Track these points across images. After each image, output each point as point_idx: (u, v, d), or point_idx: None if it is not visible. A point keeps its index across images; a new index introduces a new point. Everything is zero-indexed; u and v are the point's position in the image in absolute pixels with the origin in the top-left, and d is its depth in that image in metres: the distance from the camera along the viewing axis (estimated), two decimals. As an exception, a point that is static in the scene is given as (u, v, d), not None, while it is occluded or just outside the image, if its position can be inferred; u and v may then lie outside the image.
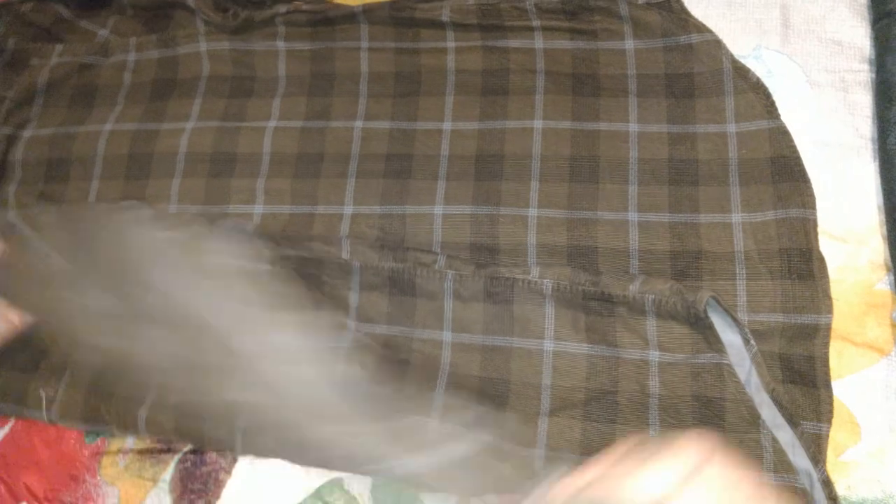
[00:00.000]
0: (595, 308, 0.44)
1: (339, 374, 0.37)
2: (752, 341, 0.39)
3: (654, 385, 0.41)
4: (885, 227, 0.44)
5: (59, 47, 0.58)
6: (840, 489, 0.40)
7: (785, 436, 0.38)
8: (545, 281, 0.45)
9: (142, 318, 0.37)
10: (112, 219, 0.43)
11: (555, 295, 0.45)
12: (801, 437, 0.38)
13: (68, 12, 0.58)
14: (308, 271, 0.48)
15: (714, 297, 0.40)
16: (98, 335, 0.38)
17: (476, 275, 0.46)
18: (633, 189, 0.48)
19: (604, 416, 0.43)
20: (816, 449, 0.40)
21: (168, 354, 0.36)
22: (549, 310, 0.45)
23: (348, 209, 0.50)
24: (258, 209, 0.51)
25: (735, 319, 0.40)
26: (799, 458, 0.39)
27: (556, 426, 0.43)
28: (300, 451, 0.43)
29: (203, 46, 0.56)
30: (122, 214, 0.49)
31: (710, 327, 0.40)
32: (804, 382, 0.41)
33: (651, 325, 0.43)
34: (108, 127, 0.55)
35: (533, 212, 0.48)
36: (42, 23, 0.58)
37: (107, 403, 0.45)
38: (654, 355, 0.43)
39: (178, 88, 0.56)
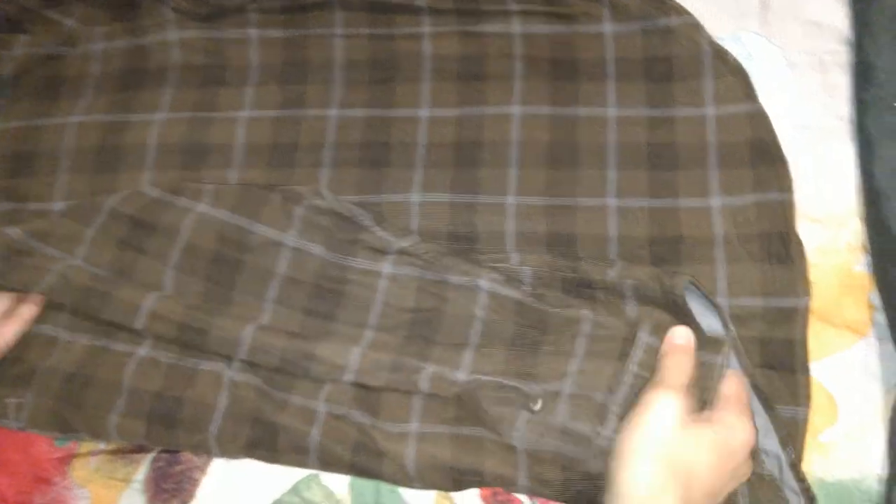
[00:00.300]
0: (574, 292, 0.44)
1: None
2: (731, 326, 0.39)
3: (633, 370, 0.40)
4: (863, 209, 0.44)
5: (24, 38, 0.56)
6: (817, 470, 0.40)
7: (760, 420, 0.38)
8: (524, 268, 0.44)
9: None
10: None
11: (534, 282, 0.44)
12: (775, 420, 0.38)
13: (33, 2, 0.56)
14: None
15: (692, 281, 0.40)
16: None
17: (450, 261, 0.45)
18: (612, 174, 0.47)
19: None
20: (793, 432, 0.39)
21: None
22: (527, 287, 0.44)
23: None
24: (231, 200, 0.50)
25: (714, 304, 0.40)
26: (770, 442, 0.38)
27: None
28: (273, 454, 0.43)
29: (173, 35, 0.54)
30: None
31: (689, 314, 0.40)
32: (782, 367, 0.41)
33: (632, 310, 0.42)
34: (75, 119, 0.54)
35: (511, 199, 0.47)
36: (6, 13, 0.57)
37: (76, 411, 0.44)
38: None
39: (147, 78, 0.54)
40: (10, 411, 0.44)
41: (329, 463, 0.42)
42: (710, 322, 0.40)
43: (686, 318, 0.40)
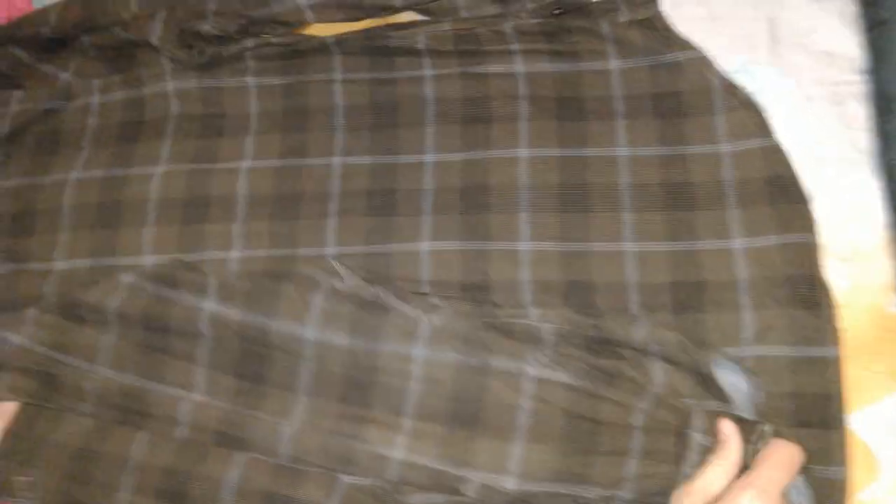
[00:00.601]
0: (600, 351, 0.42)
1: None
2: (759, 390, 0.37)
3: (686, 472, 0.39)
4: (893, 246, 0.43)
5: (18, 94, 0.55)
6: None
7: (795, 482, 0.36)
8: (545, 325, 0.43)
9: None
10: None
11: (556, 339, 0.42)
12: (810, 483, 0.36)
13: (27, 56, 0.56)
14: None
15: (721, 356, 0.39)
16: None
17: (471, 316, 0.43)
18: (626, 217, 0.46)
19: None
20: (831, 494, 0.37)
21: None
22: (549, 346, 0.43)
23: (331, 249, 0.48)
24: (235, 254, 0.49)
25: (744, 370, 0.38)
26: (803, 500, 0.37)
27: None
28: None
29: (170, 85, 0.53)
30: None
31: (715, 385, 0.38)
32: (816, 424, 0.39)
33: (657, 368, 0.41)
34: (74, 175, 0.52)
35: (524, 245, 0.46)
36: (0, 68, 0.56)
37: (84, 488, 0.42)
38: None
39: (145, 130, 0.53)
40: (23, 490, 0.42)
41: None
42: (737, 382, 0.39)
43: (711, 385, 0.39)
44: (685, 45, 0.48)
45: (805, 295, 0.41)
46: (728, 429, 0.37)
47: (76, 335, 0.46)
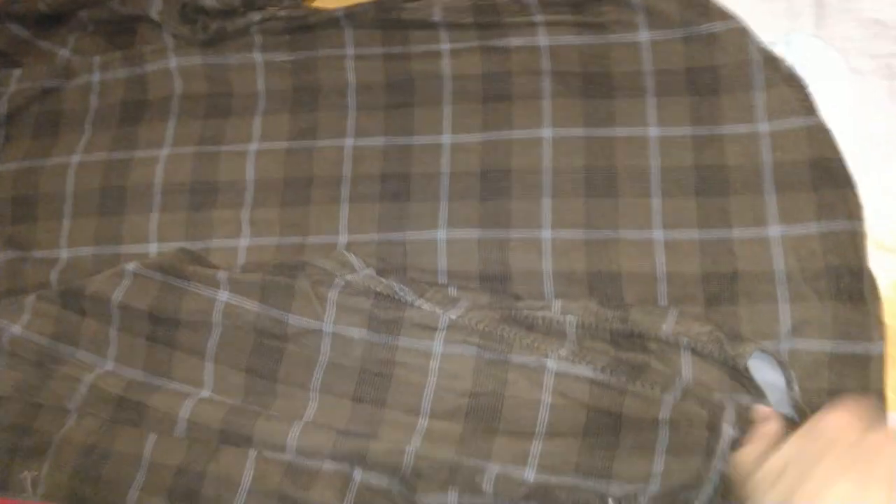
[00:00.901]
0: (625, 345, 0.40)
1: None
2: (796, 385, 0.35)
3: (718, 466, 0.37)
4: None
5: (17, 72, 0.53)
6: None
7: None
8: (568, 317, 0.40)
9: None
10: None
11: (579, 332, 0.40)
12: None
13: (25, 32, 0.53)
14: None
15: (761, 350, 0.36)
16: None
17: (490, 309, 0.41)
18: (656, 202, 0.43)
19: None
20: None
21: None
22: (571, 339, 0.41)
23: (343, 238, 0.46)
24: (244, 242, 0.47)
25: (781, 364, 0.36)
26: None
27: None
28: None
29: (173, 62, 0.51)
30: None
31: (750, 380, 0.36)
32: None
33: (686, 361, 0.38)
34: (76, 158, 0.50)
35: (546, 234, 0.44)
36: (-3, 45, 0.53)
37: (93, 486, 0.41)
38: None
39: (149, 110, 0.51)
40: (27, 485, 0.41)
41: None
42: (773, 377, 0.36)
43: (745, 380, 0.37)
44: (723, 14, 0.44)
45: (848, 287, 0.39)
46: (765, 412, 0.35)
47: (77, 326, 0.45)
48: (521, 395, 0.39)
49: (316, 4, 0.50)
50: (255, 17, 0.49)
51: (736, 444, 0.35)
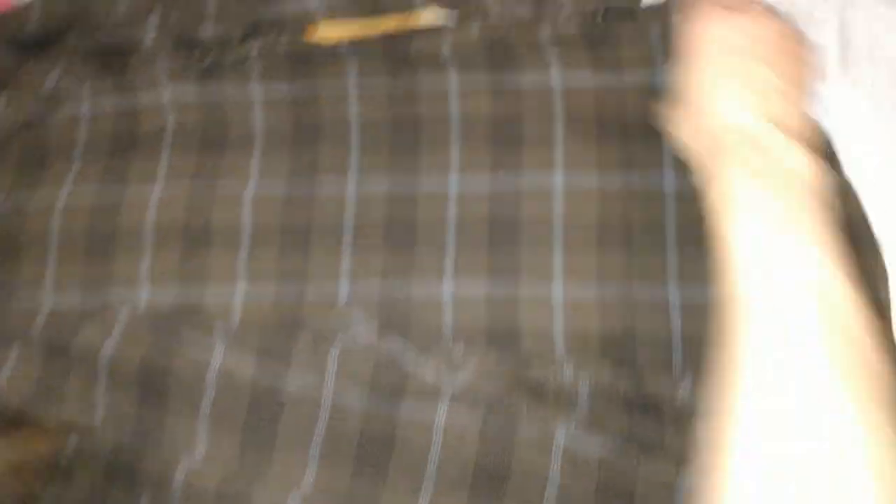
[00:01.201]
0: (640, 413, 0.38)
1: None
2: None
3: None
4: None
5: (1, 99, 0.50)
6: None
7: None
8: (580, 382, 0.39)
9: None
10: None
11: (592, 398, 0.38)
12: None
13: (9, 57, 0.50)
14: None
15: None
16: None
17: (497, 373, 0.39)
18: (672, 258, 0.41)
19: None
20: None
21: None
22: (583, 408, 0.39)
23: (344, 289, 0.44)
24: (239, 290, 0.44)
25: None
26: None
27: None
28: None
29: (166, 94, 0.48)
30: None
31: None
32: None
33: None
34: (63, 195, 0.48)
35: (558, 290, 0.42)
36: (-21, 71, 0.51)
37: None
38: None
39: (140, 144, 0.48)
40: None
41: None
42: None
43: None
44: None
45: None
46: None
47: (62, 384, 0.42)
48: (529, 468, 0.37)
49: (319, 35, 0.47)
50: (254, 47, 0.47)
51: None
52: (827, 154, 0.41)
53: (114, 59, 0.50)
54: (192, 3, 0.46)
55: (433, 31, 0.45)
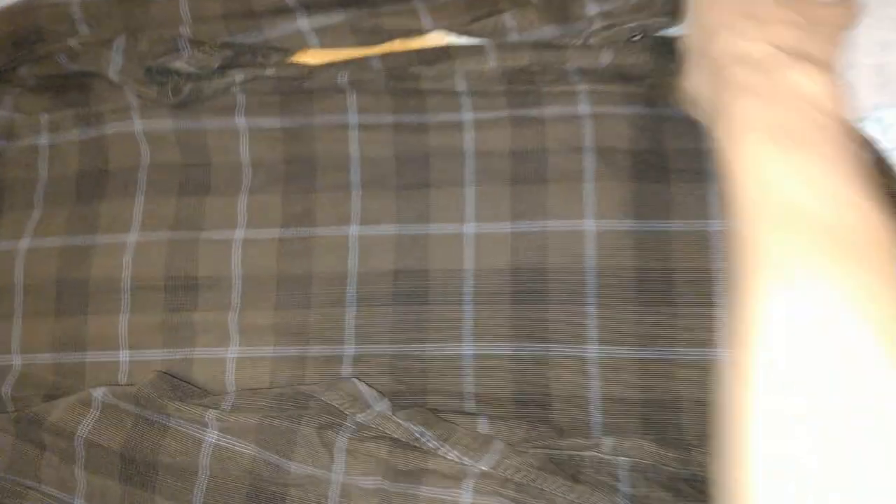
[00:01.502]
0: (686, 491, 0.34)
1: None
2: None
3: None
4: None
5: (-54, 133, 0.44)
6: None
7: None
8: (620, 459, 0.34)
9: None
10: None
11: (633, 476, 0.34)
12: None
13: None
14: None
15: None
16: None
17: (526, 450, 0.35)
18: (723, 313, 0.37)
19: None
20: None
21: None
22: (625, 486, 0.35)
23: (350, 349, 0.39)
24: (232, 352, 0.40)
25: None
26: None
27: None
28: None
29: (138, 125, 0.42)
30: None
31: None
32: None
33: None
34: (25, 243, 0.42)
35: (593, 350, 0.37)
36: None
37: None
38: None
39: (111, 183, 0.42)
40: None
41: None
42: None
43: None
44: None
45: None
46: None
47: (37, 462, 0.38)
48: None
49: (310, 60, 0.41)
50: (239, 76, 0.41)
51: None
52: (881, 166, 0.36)
53: (72, 88, 0.43)
54: (163, 28, 0.40)
55: (443, 56, 0.40)
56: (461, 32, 0.40)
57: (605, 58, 0.38)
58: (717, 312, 0.37)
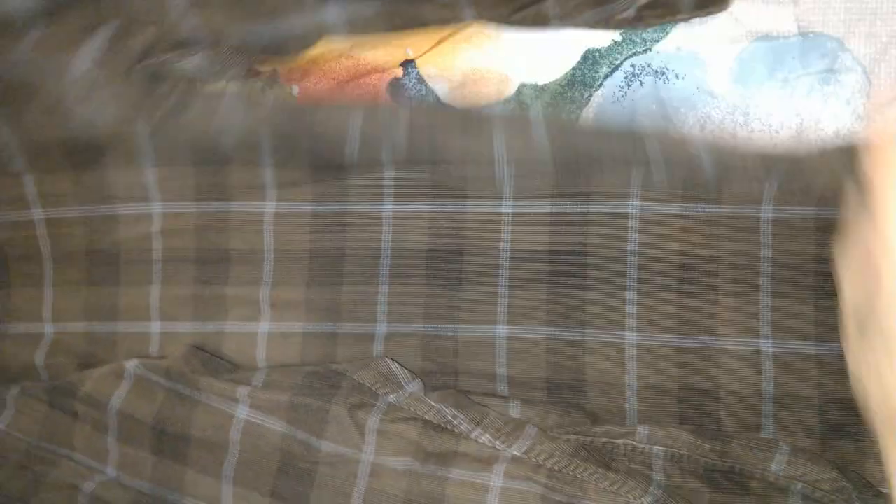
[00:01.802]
0: (722, 483, 0.34)
1: None
2: None
3: None
4: None
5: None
6: None
7: None
8: (655, 448, 0.34)
9: None
10: None
11: (667, 466, 0.34)
12: None
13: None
14: None
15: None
16: None
17: (560, 435, 0.34)
18: (766, 302, 0.35)
19: None
20: None
21: None
22: (658, 475, 0.35)
23: (381, 327, 0.38)
24: (263, 327, 0.39)
25: None
26: None
27: None
28: None
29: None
30: None
31: None
32: None
33: None
34: (38, 213, 0.42)
35: (631, 337, 0.36)
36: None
37: None
38: None
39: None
40: None
41: None
42: None
43: None
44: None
45: None
46: None
47: (69, 430, 0.38)
48: None
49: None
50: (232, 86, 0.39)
51: None
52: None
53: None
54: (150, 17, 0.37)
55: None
56: (502, 23, 0.38)
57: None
58: (761, 302, 0.35)
